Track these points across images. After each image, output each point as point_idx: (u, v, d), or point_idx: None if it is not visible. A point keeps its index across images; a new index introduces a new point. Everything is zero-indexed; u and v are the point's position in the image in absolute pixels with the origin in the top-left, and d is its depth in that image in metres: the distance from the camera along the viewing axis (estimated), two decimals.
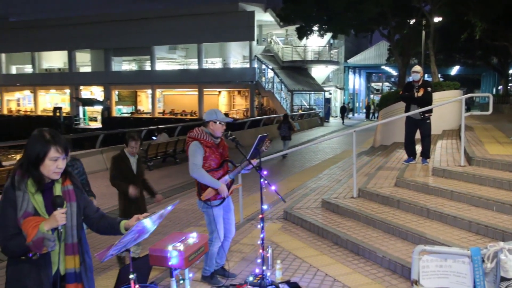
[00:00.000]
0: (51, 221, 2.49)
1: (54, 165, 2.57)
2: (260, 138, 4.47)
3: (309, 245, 5.97)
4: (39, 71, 46.94)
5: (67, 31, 41.52)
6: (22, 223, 2.48)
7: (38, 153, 2.55)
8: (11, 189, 2.54)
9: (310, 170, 12.68)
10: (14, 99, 49.74)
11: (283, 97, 36.58)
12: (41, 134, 2.59)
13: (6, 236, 2.48)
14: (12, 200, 2.51)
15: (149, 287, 3.99)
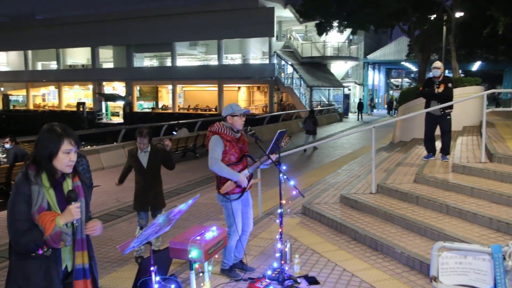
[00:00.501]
0: (67, 215, 2.49)
1: (67, 158, 2.57)
2: (280, 134, 4.47)
3: (327, 240, 5.95)
4: (64, 67, 47.70)
5: (90, 28, 42.06)
6: (38, 217, 2.46)
7: (51, 146, 2.55)
8: (26, 184, 2.50)
9: (328, 166, 12.62)
10: (39, 95, 50.67)
11: (302, 93, 36.43)
12: (52, 128, 2.60)
13: (18, 231, 2.46)
14: (26, 194, 2.48)
15: (169, 279, 4.03)
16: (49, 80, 46.75)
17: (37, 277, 2.53)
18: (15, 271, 2.56)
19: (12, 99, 50.07)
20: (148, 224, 2.88)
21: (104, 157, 13.61)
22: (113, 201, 8.94)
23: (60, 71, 46.74)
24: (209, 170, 4.62)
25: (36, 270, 2.53)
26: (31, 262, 2.52)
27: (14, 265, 2.57)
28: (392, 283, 4.56)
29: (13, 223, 2.48)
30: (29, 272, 2.53)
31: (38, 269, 2.53)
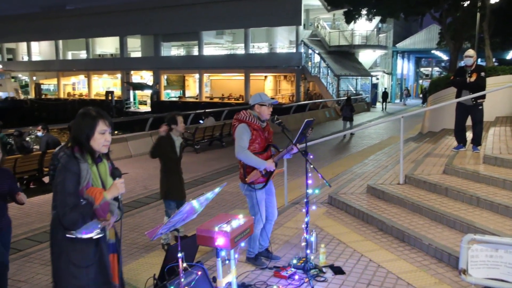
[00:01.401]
0: (113, 190, 2.72)
1: (103, 138, 2.76)
2: (307, 123, 4.44)
3: (353, 230, 5.92)
4: (93, 56, 48.54)
5: (119, 17, 42.59)
6: (87, 191, 2.65)
7: (88, 128, 2.73)
8: (75, 162, 2.68)
9: (355, 156, 12.51)
10: (70, 84, 51.75)
11: (329, 82, 36.07)
12: (87, 111, 2.80)
13: (68, 206, 2.63)
14: (76, 173, 2.67)
15: (195, 266, 4.09)
16: (79, 69, 47.67)
17: (90, 252, 2.75)
18: (65, 248, 2.72)
19: (44, 88, 51.36)
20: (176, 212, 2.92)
21: (132, 145, 13.84)
22: (141, 188, 9.09)
23: (89, 60, 47.58)
24: (235, 159, 4.64)
25: (90, 243, 2.75)
26: (82, 239, 2.72)
27: (64, 241, 2.72)
28: (419, 275, 4.51)
29: (64, 199, 2.64)
30: (82, 245, 2.72)
31: (90, 242, 2.75)
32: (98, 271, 2.78)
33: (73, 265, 2.71)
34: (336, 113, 26.96)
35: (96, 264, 2.77)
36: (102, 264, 2.79)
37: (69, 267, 2.71)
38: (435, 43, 38.38)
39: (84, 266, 2.73)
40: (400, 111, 29.55)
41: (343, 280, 4.48)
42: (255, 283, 4.42)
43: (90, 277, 2.74)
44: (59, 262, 2.74)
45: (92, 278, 2.75)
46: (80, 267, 2.72)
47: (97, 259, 2.78)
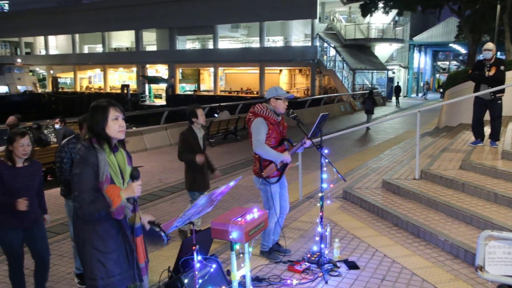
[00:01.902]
0: (129, 191, 2.76)
1: (117, 124, 2.82)
2: (322, 117, 4.43)
3: (368, 225, 5.90)
4: (109, 50, 48.88)
5: (134, 11, 42.77)
6: (106, 188, 2.71)
7: (101, 118, 2.80)
8: (93, 153, 2.75)
9: (370, 150, 12.42)
10: (86, 77, 52.26)
11: (345, 76, 35.81)
12: (97, 103, 2.88)
13: (86, 200, 2.69)
14: (94, 164, 2.73)
15: (209, 259, 4.12)
16: (95, 63, 48.08)
17: (113, 238, 2.81)
18: (89, 236, 2.79)
19: (61, 81, 51.93)
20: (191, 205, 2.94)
21: (147, 139, 13.93)
22: (156, 182, 9.16)
23: (105, 54, 47.93)
24: (250, 153, 4.64)
25: (112, 228, 2.81)
26: (105, 224, 2.79)
27: (86, 230, 2.79)
28: (434, 271, 4.48)
29: (81, 194, 2.70)
30: (104, 232, 2.79)
31: (112, 227, 2.82)
32: (123, 255, 2.86)
33: (97, 251, 2.78)
34: (351, 107, 26.78)
35: (121, 249, 2.84)
36: (126, 248, 2.87)
37: (93, 253, 2.79)
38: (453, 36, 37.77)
39: (109, 252, 2.80)
40: (416, 105, 29.25)
41: (357, 275, 4.47)
42: (269, 276, 4.43)
43: (115, 261, 2.82)
44: (84, 249, 2.82)
45: (118, 263, 2.83)
46: (104, 253, 2.79)
47: (120, 243, 2.85)
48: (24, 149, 3.84)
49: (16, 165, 3.88)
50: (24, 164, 3.92)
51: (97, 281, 2.79)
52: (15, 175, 3.85)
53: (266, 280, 4.35)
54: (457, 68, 54.07)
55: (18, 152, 3.83)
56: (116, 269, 2.82)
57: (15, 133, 3.86)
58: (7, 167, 3.84)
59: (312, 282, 4.32)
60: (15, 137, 3.82)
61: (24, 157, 3.88)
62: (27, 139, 3.88)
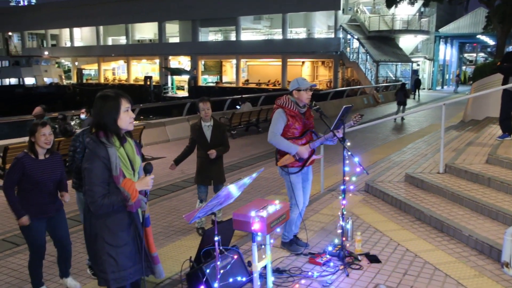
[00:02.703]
0: (142, 185, 2.74)
1: (128, 115, 2.79)
2: (345, 109, 4.39)
3: (390, 219, 5.84)
4: (132, 42, 49.37)
5: (157, 3, 43.02)
6: (123, 183, 2.69)
7: (113, 109, 2.73)
8: (103, 148, 2.70)
9: (393, 143, 12.28)
10: (110, 69, 52.93)
11: (368, 68, 35.39)
12: (105, 93, 2.79)
13: (98, 195, 2.66)
14: (105, 158, 2.69)
15: (231, 250, 4.15)
16: (118, 55, 48.64)
17: (124, 227, 2.81)
18: (99, 229, 2.79)
19: (85, 73, 52.72)
20: (212, 196, 2.96)
21: (169, 130, 14.06)
22: (178, 173, 9.24)
23: (129, 45, 48.42)
24: (271, 145, 4.65)
25: (123, 222, 2.81)
26: (116, 217, 2.78)
27: (97, 224, 2.79)
28: (457, 266, 4.42)
29: (92, 188, 2.67)
30: (115, 226, 2.78)
31: (123, 221, 2.81)
32: (134, 248, 2.85)
33: (109, 246, 2.78)
34: (374, 100, 26.48)
35: (132, 242, 2.84)
36: (137, 241, 2.87)
37: (105, 247, 2.78)
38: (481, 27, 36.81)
39: (120, 246, 2.80)
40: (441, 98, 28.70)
41: (378, 268, 4.44)
42: (290, 268, 4.44)
43: (126, 255, 2.82)
44: (96, 244, 2.81)
45: (129, 256, 2.83)
46: (116, 247, 2.79)
47: (132, 237, 2.84)
48: (46, 138, 3.92)
49: (39, 157, 3.97)
50: (45, 156, 4.02)
51: (108, 275, 2.79)
52: (38, 168, 3.94)
53: (287, 272, 4.36)
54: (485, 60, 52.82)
55: (41, 142, 3.91)
56: (127, 262, 2.82)
57: (36, 124, 3.95)
58: (30, 159, 3.93)
59: (333, 275, 4.31)
60: (37, 128, 3.91)
61: (47, 146, 3.95)
62: (49, 129, 3.96)
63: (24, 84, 44.26)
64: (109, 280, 2.80)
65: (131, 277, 2.86)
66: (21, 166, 3.87)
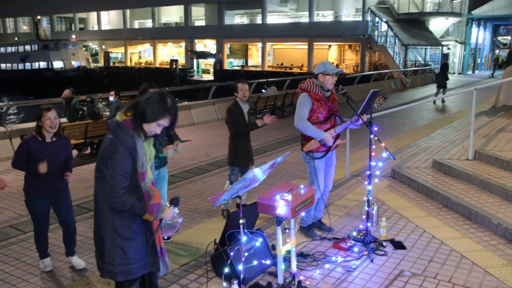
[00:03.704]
0: (165, 214, 2.78)
1: (155, 128, 2.71)
2: (372, 93, 4.33)
3: (416, 205, 5.79)
4: (158, 25, 49.56)
5: None
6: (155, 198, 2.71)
7: (154, 114, 2.65)
8: (130, 137, 2.65)
9: (421, 129, 12.08)
10: (136, 52, 53.34)
11: (396, 52, 34.66)
12: (164, 98, 2.69)
13: (122, 184, 2.63)
14: (134, 149, 2.65)
15: (255, 233, 4.19)
16: (144, 38, 48.91)
17: (137, 222, 2.80)
18: (112, 219, 2.75)
19: (112, 56, 53.30)
20: (239, 179, 2.98)
21: (195, 113, 14.15)
22: (203, 156, 9.33)
23: (155, 29, 48.63)
24: (296, 129, 4.64)
25: (135, 217, 2.78)
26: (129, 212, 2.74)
27: (110, 213, 2.75)
28: (485, 255, 4.36)
29: (114, 177, 2.63)
30: (128, 218, 2.76)
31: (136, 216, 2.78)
32: (144, 242, 2.82)
33: (120, 237, 2.75)
34: (402, 84, 25.98)
35: (142, 236, 2.81)
36: (147, 235, 2.84)
37: (115, 239, 2.75)
38: None
39: (131, 239, 2.77)
40: (470, 83, 27.94)
41: (403, 255, 4.42)
42: (314, 253, 4.46)
43: (136, 249, 2.80)
44: (106, 233, 2.78)
45: (138, 250, 2.80)
46: (127, 240, 2.76)
47: (142, 230, 2.82)
48: (51, 122, 4.09)
49: (46, 140, 4.17)
50: (52, 139, 4.21)
51: (116, 267, 2.76)
52: (43, 149, 4.14)
53: (310, 256, 4.38)
54: None
55: (46, 125, 4.09)
56: (136, 256, 2.79)
57: (42, 108, 4.11)
58: (36, 141, 4.15)
59: (357, 260, 4.31)
60: (42, 112, 4.08)
61: (52, 130, 4.13)
62: (54, 113, 4.12)
63: (53, 67, 45.09)
64: (117, 273, 2.78)
65: (138, 271, 2.83)
66: (27, 147, 4.11)
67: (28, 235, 5.30)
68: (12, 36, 61.56)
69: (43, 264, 4.43)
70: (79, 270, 4.42)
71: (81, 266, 4.44)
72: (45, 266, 4.41)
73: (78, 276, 4.30)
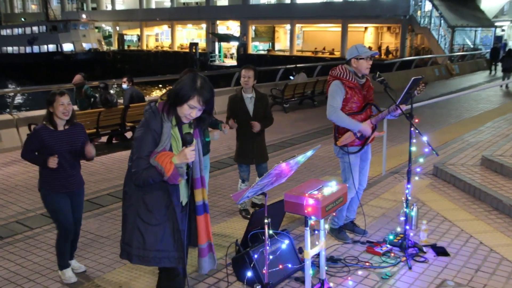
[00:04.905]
0: (182, 157, 2.78)
1: (189, 111, 2.82)
2: (414, 81, 4.26)
3: (461, 207, 5.71)
4: (177, 5, 49.91)
5: None
6: (156, 157, 2.76)
7: (183, 95, 2.79)
8: (158, 121, 2.82)
9: (469, 121, 11.86)
10: (153, 34, 53.84)
11: (442, 35, 34.04)
12: (194, 78, 2.83)
13: (141, 167, 2.79)
14: (157, 132, 2.82)
15: (281, 234, 4.19)
16: (162, 19, 49.26)
17: (160, 207, 2.91)
18: (136, 201, 2.93)
19: (127, 39, 53.89)
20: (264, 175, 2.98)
21: (216, 101, 13.71)
22: (225, 149, 9.37)
23: (173, 9, 48.97)
24: (327, 120, 4.61)
25: (160, 202, 2.91)
26: (154, 194, 2.90)
27: (135, 195, 2.93)
28: None
29: (137, 160, 2.82)
30: (152, 203, 2.91)
31: (161, 201, 2.91)
32: (168, 233, 2.92)
33: (141, 220, 2.91)
34: (448, 71, 25.52)
35: (165, 226, 2.91)
36: (173, 227, 2.93)
37: (136, 221, 2.92)
38: None
39: (152, 224, 2.90)
40: None
41: (446, 262, 4.36)
42: (345, 257, 4.44)
43: (156, 236, 2.91)
44: (128, 214, 2.96)
45: (159, 239, 2.91)
46: (147, 224, 2.90)
47: (166, 220, 2.92)
48: (64, 108, 4.03)
49: (58, 129, 4.09)
50: (65, 127, 4.14)
51: (133, 249, 2.93)
52: (57, 139, 4.06)
53: (341, 261, 4.36)
54: None
55: (59, 112, 4.03)
56: (154, 244, 2.91)
57: (54, 93, 4.05)
58: (48, 131, 4.06)
59: (394, 266, 4.28)
60: (55, 97, 4.02)
61: (65, 117, 4.07)
62: (67, 98, 4.07)
63: (62, 50, 45.88)
64: (132, 255, 2.94)
65: (157, 261, 2.95)
66: (39, 138, 4.03)
67: (36, 232, 5.43)
68: (19, 16, 63.02)
69: (65, 275, 4.27)
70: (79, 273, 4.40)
71: (81, 270, 4.43)
72: (68, 277, 4.26)
73: (82, 279, 4.33)
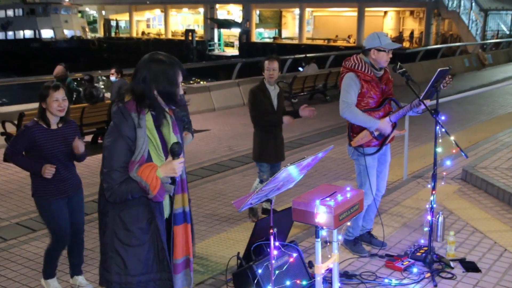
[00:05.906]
0: (168, 170, 2.66)
1: (181, 91, 2.77)
2: (440, 73, 4.26)
3: (494, 216, 5.72)
4: None
5: None
6: (140, 171, 2.65)
7: (172, 75, 2.71)
8: (130, 123, 2.68)
9: (503, 119, 11.85)
10: (143, 20, 53.92)
11: (473, 20, 33.96)
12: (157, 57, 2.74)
13: (115, 181, 2.67)
14: (130, 138, 2.67)
15: (288, 246, 4.19)
16: (154, 2, 49.32)
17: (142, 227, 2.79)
18: (112, 220, 2.80)
19: (114, 24, 53.94)
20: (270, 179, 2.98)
21: (215, 96, 14.18)
22: (225, 149, 9.39)
23: None
24: (341, 118, 4.61)
25: (141, 219, 2.78)
26: (133, 210, 2.77)
27: (111, 213, 2.80)
28: None
29: (109, 173, 2.68)
30: (131, 221, 2.78)
31: (142, 218, 2.78)
32: (151, 253, 2.82)
33: (119, 242, 2.79)
34: (479, 61, 25.47)
35: (148, 246, 2.81)
36: (157, 246, 2.83)
37: (114, 242, 2.79)
38: None
39: (132, 245, 2.78)
40: None
41: (477, 279, 4.36)
42: (361, 273, 4.45)
43: (138, 258, 2.80)
44: (105, 234, 2.84)
45: (141, 261, 2.80)
46: (126, 246, 2.78)
47: (149, 239, 2.81)
48: (59, 104, 4.05)
49: (51, 127, 4.12)
50: (58, 125, 4.17)
51: (112, 276, 2.81)
52: (51, 139, 4.09)
53: (357, 277, 4.37)
54: None
55: (53, 108, 4.05)
56: (138, 267, 2.79)
57: (47, 87, 4.05)
58: (41, 129, 4.08)
59: (417, 284, 4.28)
60: (48, 91, 4.02)
61: (60, 114, 4.09)
62: (62, 93, 4.07)
63: (41, 37, 45.96)
64: (112, 283, 2.82)
65: (142, 286, 2.83)
66: (31, 137, 4.05)
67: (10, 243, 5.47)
68: None
69: (50, 286, 4.33)
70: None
71: None
72: None
73: None
